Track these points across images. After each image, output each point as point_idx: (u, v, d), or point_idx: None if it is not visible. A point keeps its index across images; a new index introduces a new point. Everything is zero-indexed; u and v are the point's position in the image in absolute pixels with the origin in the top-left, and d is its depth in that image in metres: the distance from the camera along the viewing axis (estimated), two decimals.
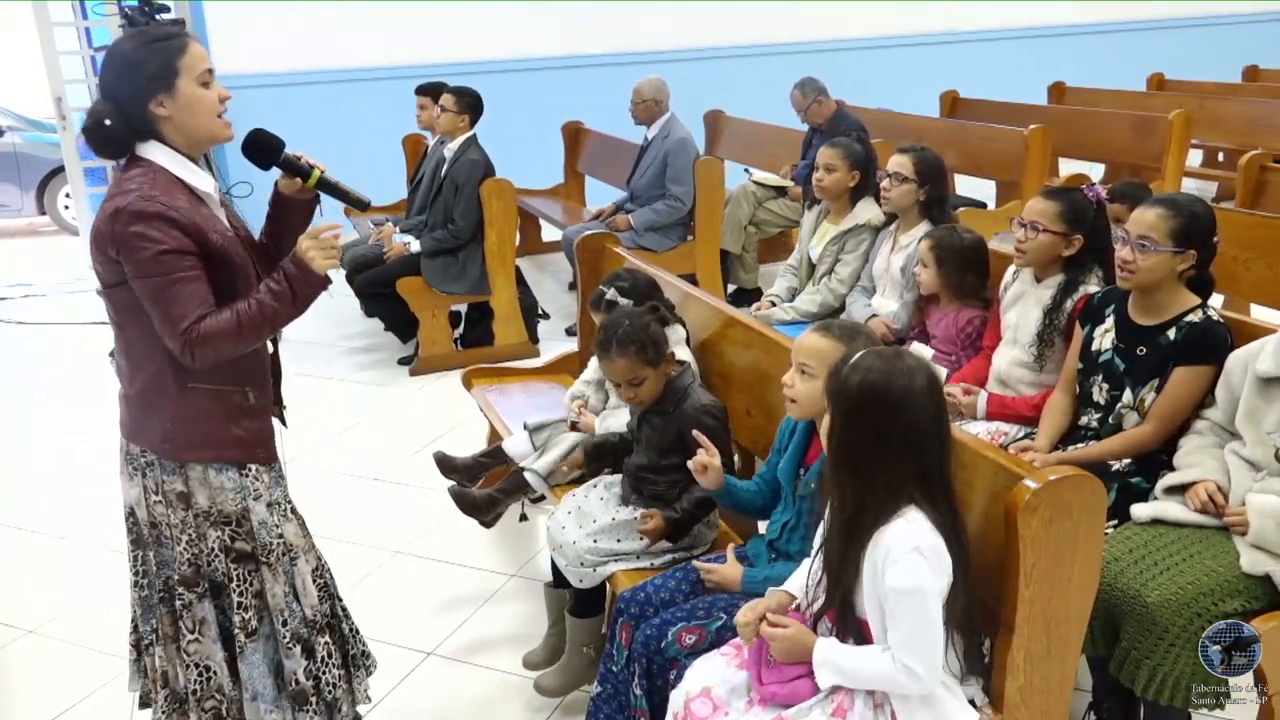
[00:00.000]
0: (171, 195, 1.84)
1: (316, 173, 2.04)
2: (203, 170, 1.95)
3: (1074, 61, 9.31)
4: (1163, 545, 2.12)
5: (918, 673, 1.68)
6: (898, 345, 2.69)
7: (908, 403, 1.69)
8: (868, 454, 1.70)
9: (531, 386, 3.66)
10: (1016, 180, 5.82)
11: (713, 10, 8.47)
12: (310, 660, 2.08)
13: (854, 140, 3.82)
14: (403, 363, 5.19)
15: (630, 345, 2.42)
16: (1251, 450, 2.18)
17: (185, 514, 1.99)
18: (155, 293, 1.82)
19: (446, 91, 5.07)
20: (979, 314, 3.05)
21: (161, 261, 1.81)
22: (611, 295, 2.84)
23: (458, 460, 3.13)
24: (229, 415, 1.98)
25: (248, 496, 2.01)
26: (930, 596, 1.67)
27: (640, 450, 2.56)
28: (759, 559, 2.24)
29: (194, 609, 2.01)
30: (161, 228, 1.80)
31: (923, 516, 1.69)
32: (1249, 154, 4.72)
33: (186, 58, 1.86)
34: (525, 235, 6.78)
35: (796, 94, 5.78)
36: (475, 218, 4.94)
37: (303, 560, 2.08)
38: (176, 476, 1.97)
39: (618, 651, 2.21)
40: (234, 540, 2.01)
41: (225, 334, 1.86)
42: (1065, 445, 2.54)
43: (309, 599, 2.08)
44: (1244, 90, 8.35)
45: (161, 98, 1.85)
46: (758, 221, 5.78)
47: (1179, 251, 2.34)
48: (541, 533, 3.31)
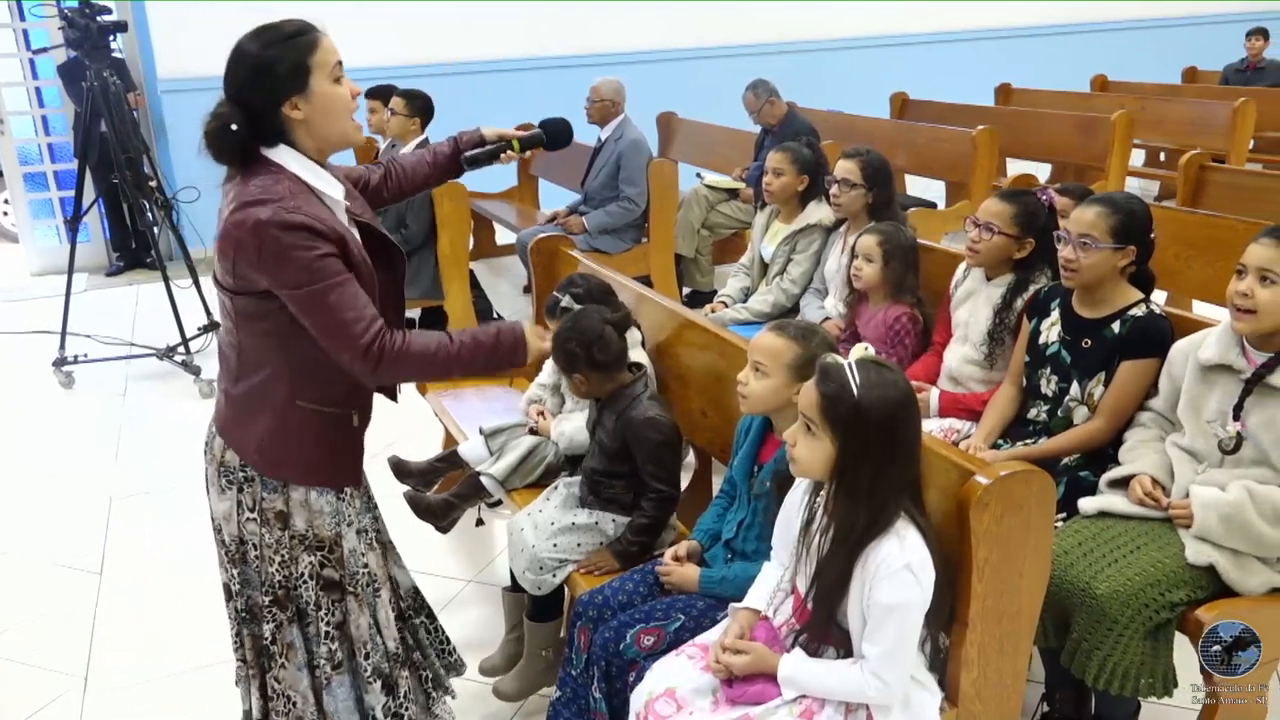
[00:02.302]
0: (310, 204, 1.74)
1: (516, 141, 2.19)
2: (332, 176, 1.86)
3: (1020, 63, 9.48)
4: (1111, 538, 2.17)
5: (889, 683, 1.70)
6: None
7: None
8: (880, 474, 1.68)
9: (487, 391, 3.64)
10: (965, 181, 5.91)
11: (665, 12, 8.49)
12: (390, 697, 2.01)
13: (803, 144, 3.85)
14: None
15: (580, 357, 2.42)
16: (1192, 440, 2.24)
17: (281, 534, 1.90)
18: (318, 301, 1.71)
19: (397, 94, 5.03)
20: (906, 311, 3.09)
21: (317, 269, 1.70)
22: (566, 302, 2.84)
23: (412, 465, 3.11)
24: (330, 437, 1.90)
25: (342, 522, 1.94)
26: (916, 611, 1.69)
27: (594, 453, 2.56)
28: (715, 559, 2.25)
29: (284, 632, 1.94)
30: (309, 238, 1.70)
31: (913, 530, 1.70)
32: (1189, 154, 4.82)
33: (319, 53, 1.76)
34: (479, 239, 6.74)
35: (749, 95, 5.82)
36: (428, 222, 4.91)
37: (386, 591, 2.02)
38: (278, 495, 1.88)
39: (576, 655, 2.20)
40: (324, 566, 1.93)
41: (423, 359, 1.80)
42: (1012, 439, 2.58)
43: (390, 631, 2.02)
44: (1184, 91, 8.56)
45: (296, 99, 1.75)
46: (710, 224, 5.81)
47: (1119, 248, 2.40)
48: (498, 537, 3.30)
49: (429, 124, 5.00)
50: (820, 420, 1.69)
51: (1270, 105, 7.34)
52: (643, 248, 5.46)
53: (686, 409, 2.79)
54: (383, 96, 5.29)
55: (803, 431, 1.74)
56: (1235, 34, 8.96)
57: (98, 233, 7.21)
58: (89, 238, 7.09)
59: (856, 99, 7.74)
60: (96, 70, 4.88)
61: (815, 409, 1.70)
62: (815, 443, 1.71)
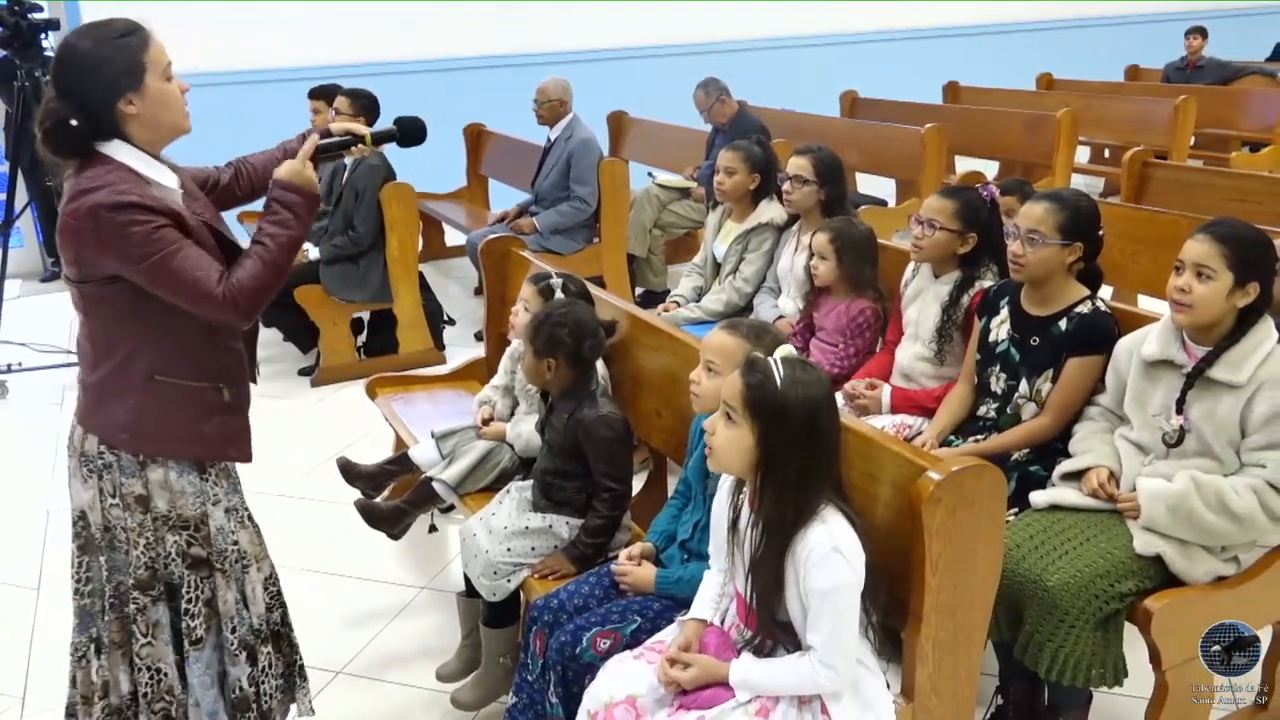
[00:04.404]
0: (140, 187, 1.83)
1: (367, 134, 2.22)
2: (166, 168, 1.94)
3: (967, 61, 9.63)
4: (1061, 531, 2.21)
5: (837, 669, 1.73)
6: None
7: (834, 412, 1.77)
8: (804, 468, 1.72)
9: (438, 394, 3.63)
10: (915, 178, 5.99)
11: (615, 11, 8.50)
12: (253, 667, 2.09)
13: (754, 143, 3.87)
14: (303, 373, 5.08)
15: (567, 345, 2.45)
16: (1139, 433, 2.29)
17: (144, 517, 1.97)
18: (161, 268, 1.80)
19: (341, 94, 4.97)
20: (870, 305, 3.13)
21: (155, 239, 1.80)
22: (557, 283, 2.83)
23: (362, 467, 3.08)
24: (198, 412, 1.96)
25: (207, 501, 2.00)
26: (852, 592, 1.72)
27: (545, 454, 2.56)
28: (671, 560, 2.26)
29: (148, 613, 2.00)
30: (143, 214, 1.79)
31: (838, 514, 1.74)
32: (1132, 150, 4.94)
33: (152, 51, 1.85)
34: (428, 240, 6.70)
35: (700, 94, 5.84)
36: (376, 223, 4.86)
37: (255, 569, 2.09)
38: (136, 479, 1.95)
39: (532, 660, 2.20)
40: (190, 545, 2.00)
41: (260, 275, 1.87)
42: (963, 436, 2.63)
43: (258, 607, 2.09)
44: (1127, 89, 8.76)
45: (131, 95, 1.83)
46: (663, 224, 5.82)
47: (1066, 244, 2.45)
48: (452, 543, 3.28)
49: (375, 123, 4.95)
50: (742, 408, 1.73)
51: (1210, 102, 7.53)
52: (595, 248, 5.46)
53: (640, 409, 2.80)
54: (326, 96, 5.23)
55: (723, 420, 1.77)
56: (1175, 33, 9.20)
57: (31, 237, 7.05)
58: (22, 242, 6.92)
59: (807, 97, 7.81)
60: (28, 70, 4.76)
61: (738, 397, 1.74)
62: (735, 431, 1.75)
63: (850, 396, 2.91)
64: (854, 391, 2.91)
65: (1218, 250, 2.12)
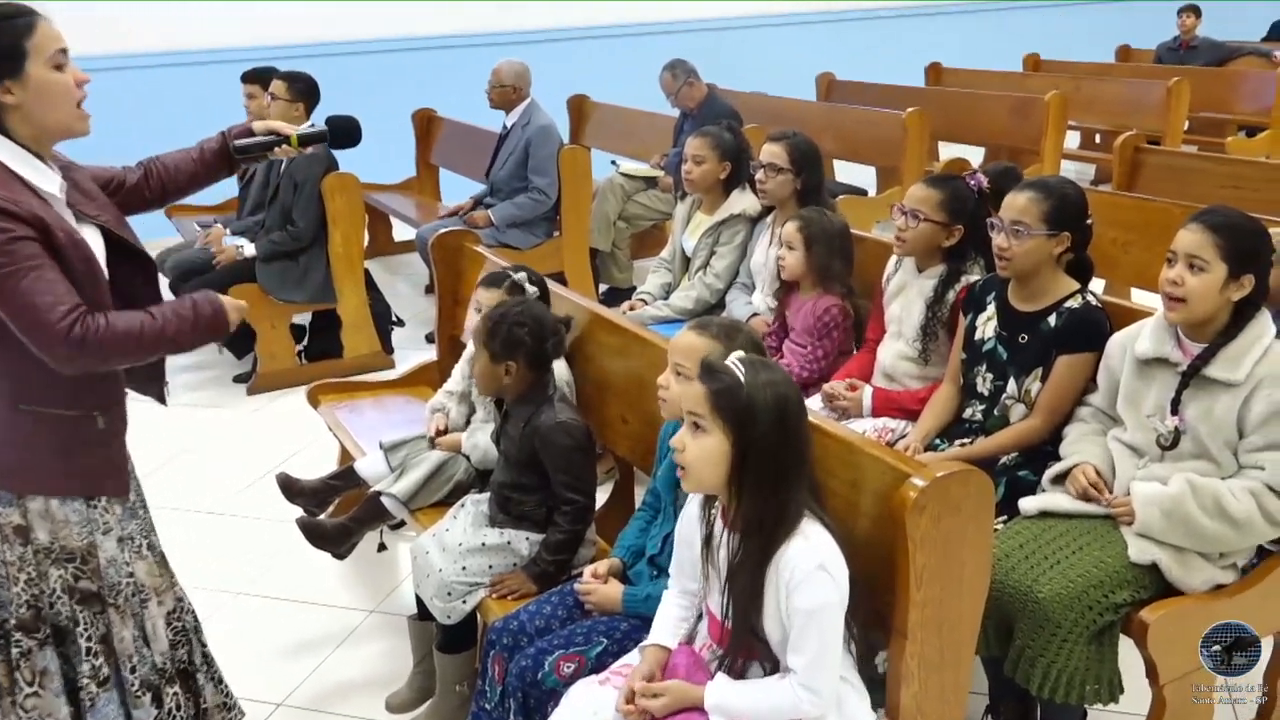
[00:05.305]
0: (10, 190, 1.78)
1: (294, 135, 2.21)
2: (48, 168, 1.88)
3: (949, 41, 9.74)
4: (1052, 539, 2.24)
5: (820, 692, 1.74)
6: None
7: (803, 410, 1.79)
8: (780, 469, 1.74)
9: (386, 401, 3.60)
10: (896, 166, 6.04)
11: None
12: (159, 709, 2.05)
13: (724, 129, 3.88)
14: (239, 380, 5.03)
15: (526, 346, 2.45)
16: (1132, 435, 2.33)
17: (24, 550, 1.92)
18: (7, 286, 1.74)
19: (277, 78, 4.92)
20: (837, 303, 3.14)
21: (6, 253, 1.74)
22: (520, 279, 2.82)
23: (304, 483, 3.05)
24: (72, 443, 1.91)
25: (95, 530, 1.96)
26: (836, 611, 1.73)
27: (502, 465, 2.55)
28: (640, 576, 2.26)
29: (33, 658, 1.95)
30: (1, 219, 1.74)
31: (818, 526, 1.75)
32: (1123, 135, 5.02)
33: (36, 37, 1.81)
34: (374, 235, 6.66)
35: (666, 76, 5.86)
36: (317, 217, 4.82)
37: (154, 603, 2.04)
38: (13, 508, 1.90)
39: (491, 686, 2.19)
40: (78, 579, 1.95)
41: (128, 337, 1.82)
42: (948, 439, 2.65)
43: (160, 644, 2.05)
44: (1117, 70, 8.89)
45: (9, 83, 1.79)
46: (628, 216, 5.83)
47: (1053, 234, 2.48)
48: (403, 562, 3.26)
49: (314, 110, 4.92)
50: (710, 414, 1.74)
51: (1204, 85, 7.67)
52: (555, 242, 5.46)
53: (605, 415, 2.80)
54: (261, 80, 5.18)
55: (690, 432, 1.77)
56: (1167, 11, 9.35)
57: None
58: None
59: (780, 80, 7.86)
60: None
61: (703, 403, 1.75)
62: (705, 441, 1.75)
63: (829, 398, 2.93)
64: (834, 393, 2.92)
65: (1210, 240, 2.15)
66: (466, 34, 8.09)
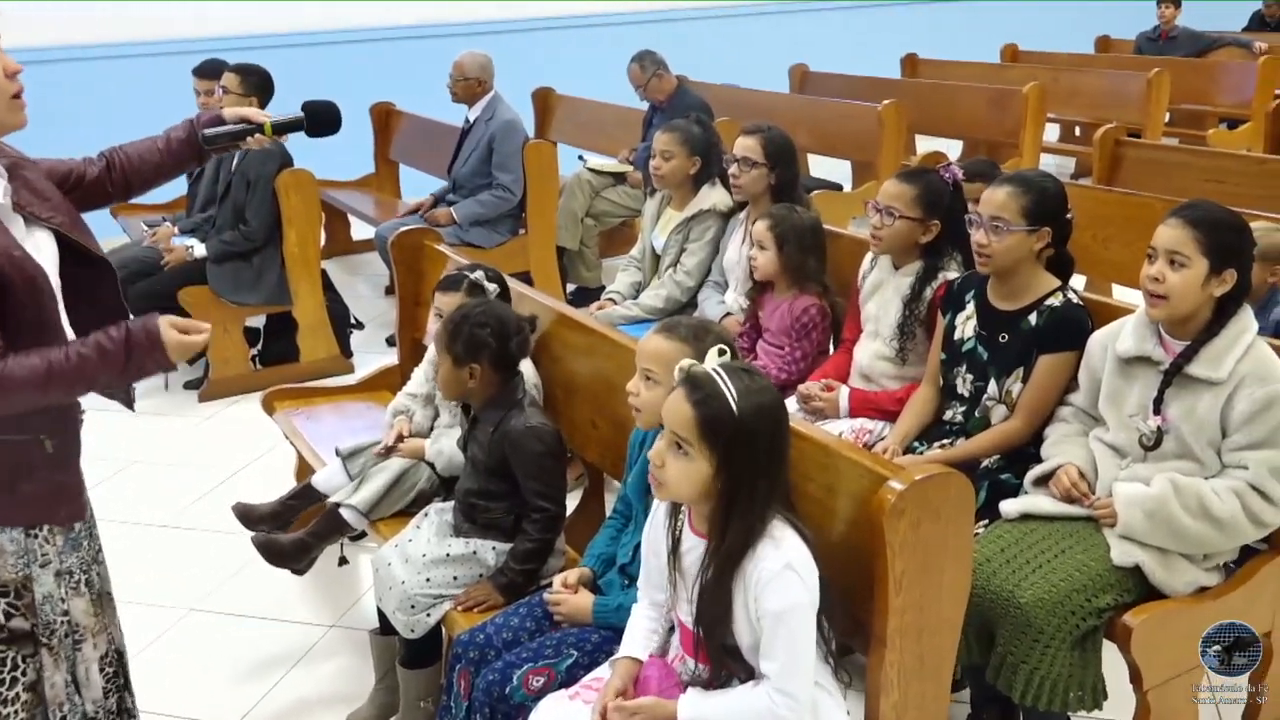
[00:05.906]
0: None
1: (268, 123, 2.18)
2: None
3: (926, 32, 9.82)
4: (1034, 543, 2.26)
5: (795, 696, 1.75)
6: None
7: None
8: (760, 487, 1.75)
9: (345, 407, 3.59)
10: (872, 160, 6.08)
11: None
12: None
13: (693, 122, 3.89)
14: (189, 386, 4.98)
15: (490, 349, 2.44)
16: (1115, 435, 2.36)
17: None
18: None
19: (229, 70, 4.89)
20: (816, 302, 3.16)
21: None
22: (478, 278, 2.81)
23: (261, 509, 3.02)
24: (16, 469, 1.83)
25: (33, 563, 1.87)
26: (807, 612, 1.75)
27: (469, 472, 2.55)
28: (610, 586, 2.27)
29: None
30: None
31: (789, 531, 1.77)
32: (1104, 128, 5.08)
33: None
34: (332, 234, 6.63)
35: (634, 68, 5.86)
36: (271, 216, 4.79)
37: (89, 644, 1.96)
38: None
39: (456, 702, 2.19)
40: (10, 616, 1.86)
41: (27, 383, 1.71)
42: (928, 441, 2.67)
43: (92, 691, 1.97)
44: (1097, 61, 8.99)
45: None
46: (595, 213, 5.83)
47: (1033, 230, 2.51)
48: (364, 575, 3.25)
49: (268, 104, 4.89)
50: (696, 439, 1.72)
51: (1184, 76, 7.77)
52: (520, 240, 5.45)
53: (574, 420, 2.80)
54: (212, 73, 5.14)
55: (672, 451, 1.75)
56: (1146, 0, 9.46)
57: None
58: None
59: (752, 72, 7.88)
60: None
61: (689, 426, 1.72)
62: (689, 464, 1.73)
63: (805, 399, 2.94)
64: (809, 394, 2.94)
65: (1190, 235, 2.19)
66: (427, 24, 8.06)
